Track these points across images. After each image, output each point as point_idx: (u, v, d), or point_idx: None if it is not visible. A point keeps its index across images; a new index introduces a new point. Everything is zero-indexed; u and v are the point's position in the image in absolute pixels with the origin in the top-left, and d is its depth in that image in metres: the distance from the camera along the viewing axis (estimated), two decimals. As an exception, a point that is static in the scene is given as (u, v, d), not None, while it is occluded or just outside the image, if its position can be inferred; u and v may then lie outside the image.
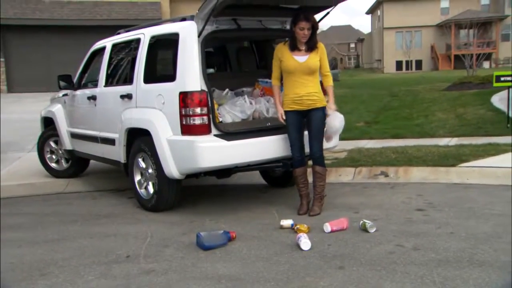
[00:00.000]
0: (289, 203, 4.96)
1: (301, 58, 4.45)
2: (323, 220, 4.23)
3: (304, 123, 4.57)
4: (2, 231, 4.47)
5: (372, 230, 3.95)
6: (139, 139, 4.91)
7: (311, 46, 4.45)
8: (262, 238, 3.98)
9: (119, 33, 5.83)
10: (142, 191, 5.06)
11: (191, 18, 4.52)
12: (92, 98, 5.75)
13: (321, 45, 4.52)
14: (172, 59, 4.62)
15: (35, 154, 7.04)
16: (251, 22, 4.92)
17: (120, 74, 5.60)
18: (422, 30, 43.78)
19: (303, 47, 4.47)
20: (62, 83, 6.27)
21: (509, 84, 8.17)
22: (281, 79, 4.63)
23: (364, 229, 3.98)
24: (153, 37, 4.97)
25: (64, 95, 6.55)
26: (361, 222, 4.05)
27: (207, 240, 3.77)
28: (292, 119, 4.54)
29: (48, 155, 6.80)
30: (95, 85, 5.82)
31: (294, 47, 4.48)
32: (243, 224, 4.39)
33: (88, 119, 5.94)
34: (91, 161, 6.65)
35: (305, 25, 4.35)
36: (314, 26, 4.42)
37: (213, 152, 4.36)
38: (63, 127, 6.46)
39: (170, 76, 4.58)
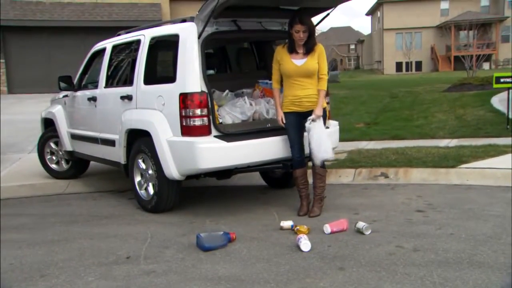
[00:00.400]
0: (289, 204, 4.96)
1: (299, 61, 4.45)
2: (323, 221, 4.23)
3: (304, 124, 4.57)
4: (2, 232, 4.47)
5: (368, 232, 3.95)
6: (139, 140, 4.91)
7: (308, 48, 4.45)
8: (262, 239, 3.98)
9: (119, 35, 5.84)
10: (142, 192, 5.06)
11: (191, 19, 4.52)
12: (93, 99, 5.75)
13: (320, 47, 4.51)
14: (172, 60, 4.63)
15: (35, 155, 7.05)
16: (251, 23, 4.92)
17: (120, 75, 5.60)
18: (422, 31, 43.82)
19: (301, 50, 4.47)
20: (62, 84, 6.28)
21: (509, 85, 8.18)
22: (282, 81, 4.63)
23: (360, 232, 3.98)
24: (153, 39, 4.97)
25: (64, 96, 6.56)
26: (356, 228, 4.02)
27: (207, 241, 3.77)
28: (291, 121, 4.55)
29: (49, 156, 6.80)
30: (96, 86, 5.82)
31: (292, 50, 4.48)
32: (243, 225, 4.39)
33: (88, 120, 5.94)
34: (91, 162, 6.66)
35: (300, 28, 4.36)
36: (311, 29, 4.42)
37: (213, 153, 4.36)
38: (63, 128, 6.47)
39: (170, 77, 4.58)
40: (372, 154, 6.89)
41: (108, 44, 5.83)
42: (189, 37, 4.43)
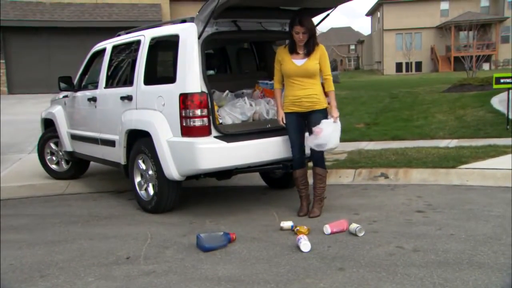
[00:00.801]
0: (289, 205, 4.96)
1: (299, 61, 4.45)
2: (323, 221, 4.23)
3: (305, 124, 4.57)
4: (2, 232, 4.47)
5: (361, 234, 3.93)
6: (139, 141, 4.91)
7: (309, 49, 4.45)
8: (262, 239, 3.98)
9: (119, 35, 5.84)
10: (142, 192, 5.06)
11: (191, 20, 4.52)
12: (93, 99, 5.76)
13: (321, 48, 4.51)
14: (172, 60, 4.63)
15: (35, 156, 7.05)
16: (251, 24, 4.92)
17: (120, 76, 5.60)
18: (422, 32, 43.84)
19: (301, 51, 4.47)
20: (62, 85, 6.28)
21: (508, 86, 8.18)
22: (284, 82, 4.63)
23: (354, 235, 3.97)
24: (153, 39, 4.97)
25: (64, 96, 6.56)
26: (349, 230, 4.01)
27: (207, 242, 3.77)
28: (292, 121, 4.55)
29: (49, 157, 6.81)
30: (96, 87, 5.83)
31: (293, 50, 4.49)
32: (243, 225, 4.39)
33: (88, 121, 5.94)
34: (91, 163, 6.66)
35: (300, 29, 4.36)
36: (311, 30, 4.42)
37: (213, 153, 4.37)
38: (63, 129, 6.47)
39: (170, 77, 4.58)
40: (372, 154, 6.90)
41: (108, 44, 5.83)
42: (189, 38, 4.43)
